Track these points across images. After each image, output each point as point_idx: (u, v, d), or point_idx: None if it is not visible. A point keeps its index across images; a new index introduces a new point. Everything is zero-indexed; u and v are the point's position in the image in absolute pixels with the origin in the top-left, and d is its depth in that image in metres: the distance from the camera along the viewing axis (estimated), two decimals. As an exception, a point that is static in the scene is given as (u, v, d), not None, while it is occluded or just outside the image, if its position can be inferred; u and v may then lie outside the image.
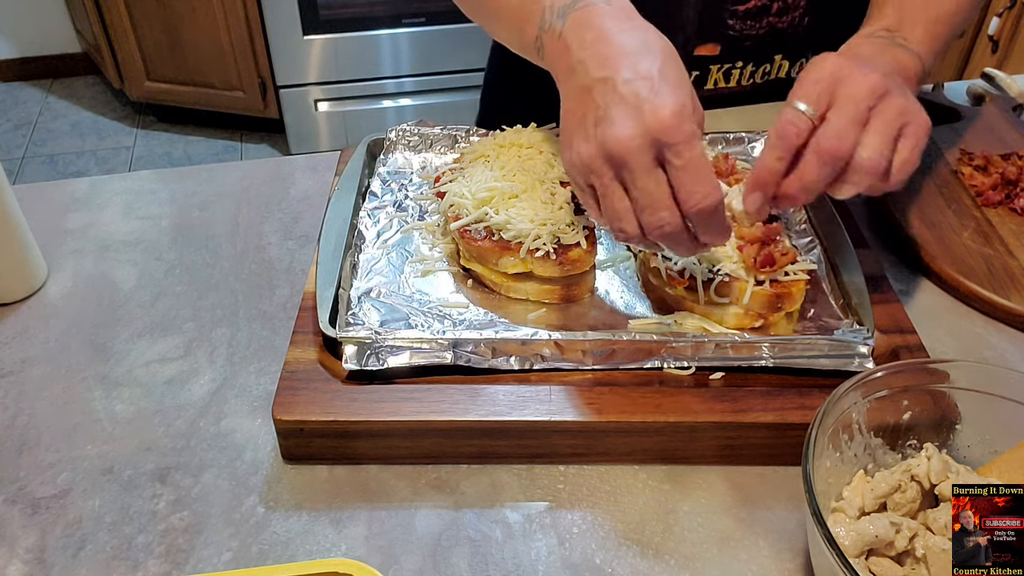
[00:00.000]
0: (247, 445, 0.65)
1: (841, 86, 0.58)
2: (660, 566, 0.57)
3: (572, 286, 0.71)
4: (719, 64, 0.98)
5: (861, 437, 0.57)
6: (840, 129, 0.57)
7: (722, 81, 0.99)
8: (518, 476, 0.63)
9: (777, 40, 0.97)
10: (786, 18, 0.95)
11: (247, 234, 0.85)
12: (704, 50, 0.97)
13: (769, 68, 0.99)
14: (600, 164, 0.58)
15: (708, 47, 0.97)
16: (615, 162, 0.57)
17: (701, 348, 0.65)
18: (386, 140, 0.87)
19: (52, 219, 0.86)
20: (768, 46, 0.97)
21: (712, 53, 0.97)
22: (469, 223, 0.71)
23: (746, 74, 0.99)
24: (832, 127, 0.57)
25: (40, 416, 0.68)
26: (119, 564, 0.58)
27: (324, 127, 2.85)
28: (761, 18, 0.94)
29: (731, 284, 0.67)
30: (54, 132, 3.07)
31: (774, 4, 0.94)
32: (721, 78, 0.99)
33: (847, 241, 0.74)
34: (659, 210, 0.57)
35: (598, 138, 0.57)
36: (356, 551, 0.58)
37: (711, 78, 0.99)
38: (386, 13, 2.63)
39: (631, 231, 0.59)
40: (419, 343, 0.64)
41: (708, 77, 0.99)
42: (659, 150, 0.56)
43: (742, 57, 0.98)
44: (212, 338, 0.74)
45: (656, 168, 0.56)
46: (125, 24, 2.70)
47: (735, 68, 0.99)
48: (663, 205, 0.57)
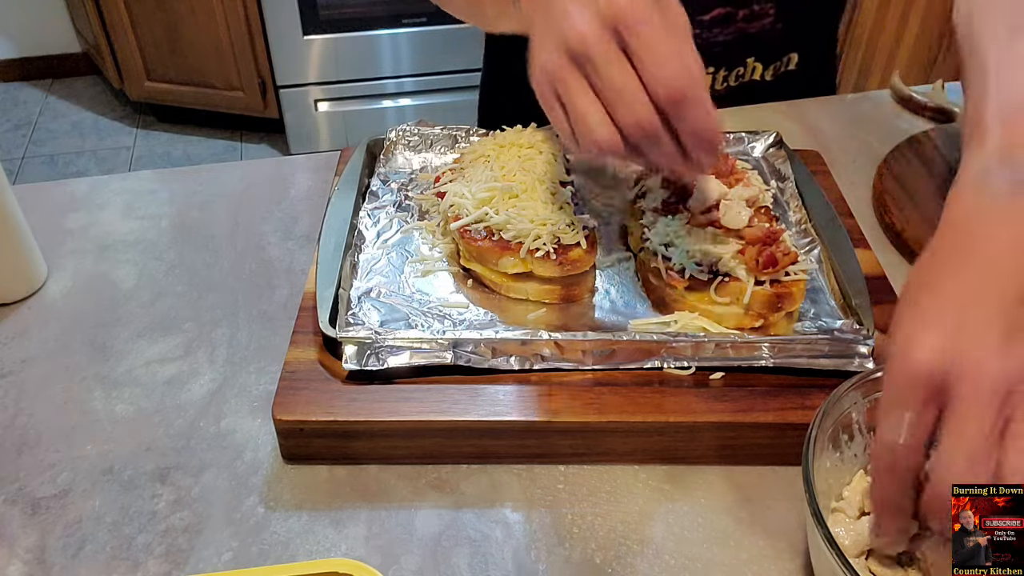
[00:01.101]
0: (247, 445, 0.65)
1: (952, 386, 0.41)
2: (660, 566, 0.57)
3: (572, 286, 0.71)
4: None
5: (861, 437, 0.57)
6: (962, 466, 0.41)
7: None
8: (518, 476, 0.63)
9: (748, 44, 0.94)
10: (755, 24, 0.93)
11: (247, 234, 0.85)
12: None
13: (743, 71, 0.97)
14: (562, 65, 0.54)
15: None
16: (577, 58, 0.53)
17: (701, 348, 0.65)
18: (386, 140, 0.87)
19: (52, 219, 0.86)
20: (739, 50, 0.95)
21: None
22: (469, 223, 0.71)
23: (719, 79, 0.97)
24: (949, 460, 0.41)
25: (40, 416, 0.68)
26: (119, 564, 0.58)
27: (324, 127, 2.85)
28: (728, 25, 0.91)
29: (731, 284, 0.67)
30: (54, 132, 3.07)
31: (740, 11, 0.91)
32: None
33: (847, 241, 0.74)
34: (630, 102, 0.52)
35: (556, 36, 0.54)
36: (356, 551, 0.58)
37: None
38: (386, 13, 2.63)
39: (604, 135, 0.54)
40: (419, 343, 0.64)
41: None
42: (619, 36, 0.52)
43: (713, 63, 0.95)
44: (212, 338, 0.74)
45: (620, 57, 0.53)
46: (125, 24, 2.71)
47: (707, 74, 0.96)
48: (633, 97, 0.52)
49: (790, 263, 0.67)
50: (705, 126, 0.54)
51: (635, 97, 0.53)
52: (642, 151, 0.56)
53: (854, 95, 1.08)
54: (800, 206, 0.79)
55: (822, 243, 0.75)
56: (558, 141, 0.79)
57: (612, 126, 0.54)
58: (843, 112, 1.02)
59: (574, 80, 0.54)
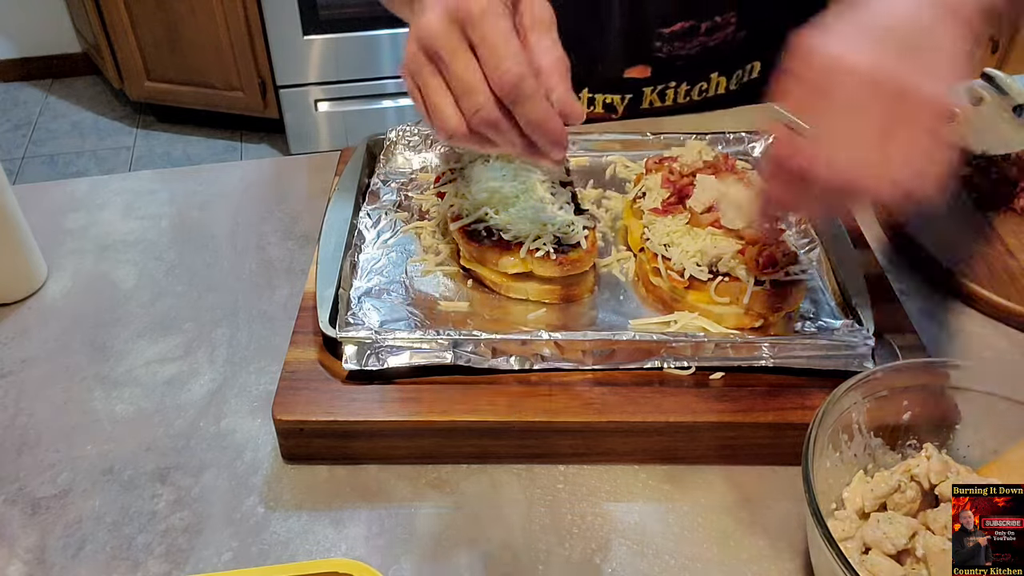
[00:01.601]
0: (247, 445, 0.65)
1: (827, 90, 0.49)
2: (660, 566, 0.57)
3: (572, 286, 0.71)
4: (652, 86, 0.96)
5: (861, 437, 0.57)
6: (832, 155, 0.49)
7: (657, 101, 0.97)
8: (518, 476, 0.63)
9: (711, 58, 0.95)
10: (718, 35, 0.93)
11: (247, 234, 0.85)
12: (634, 72, 0.95)
13: (706, 86, 0.97)
14: (418, 59, 0.57)
15: (638, 69, 0.95)
16: (429, 52, 0.56)
17: (701, 348, 0.65)
18: (386, 140, 0.87)
19: (52, 219, 0.86)
20: (702, 65, 0.95)
21: (643, 75, 0.95)
22: (469, 223, 0.71)
23: (681, 93, 0.97)
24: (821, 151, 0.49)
25: (40, 416, 0.68)
26: (119, 564, 0.58)
27: (324, 127, 2.85)
28: (690, 38, 0.92)
29: (731, 284, 0.67)
30: (54, 132, 3.07)
31: (703, 24, 0.92)
32: (656, 98, 0.97)
33: (847, 241, 0.74)
34: (471, 93, 0.55)
35: (415, 33, 0.57)
36: (356, 551, 0.58)
37: (645, 99, 0.97)
38: (386, 13, 2.61)
39: (452, 123, 0.57)
40: (419, 343, 0.64)
41: (643, 98, 0.97)
42: (463, 30, 0.55)
43: (675, 78, 0.96)
44: (212, 338, 0.74)
45: (466, 51, 0.55)
46: (125, 24, 2.70)
47: (668, 88, 0.96)
48: (474, 88, 0.55)
49: (790, 263, 0.67)
50: (542, 118, 0.55)
51: (476, 88, 0.55)
52: (489, 139, 0.58)
53: (854, 95, 1.08)
54: (800, 206, 0.79)
55: (822, 243, 0.75)
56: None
57: (460, 116, 0.57)
58: (843, 112, 1.02)
59: (428, 73, 0.57)
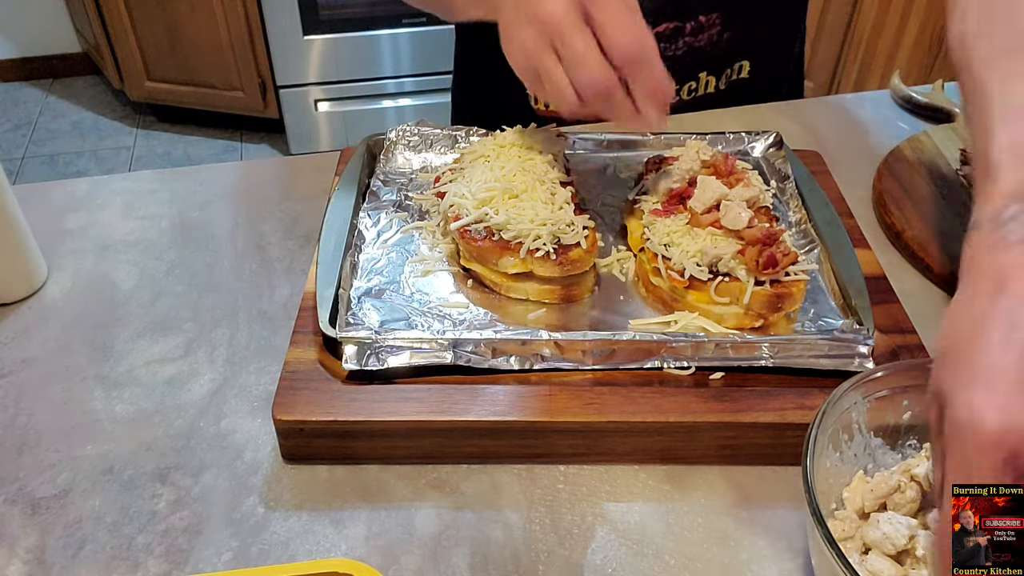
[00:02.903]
0: (247, 445, 0.65)
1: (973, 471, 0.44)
2: (660, 566, 0.57)
3: (572, 286, 0.71)
4: None
5: (861, 437, 0.57)
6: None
7: None
8: (518, 476, 0.63)
9: (698, 58, 0.95)
10: (703, 36, 0.93)
11: (247, 234, 0.85)
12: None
13: (695, 86, 0.98)
14: (536, 39, 0.61)
15: None
16: (548, 31, 0.60)
17: (701, 348, 0.65)
18: (386, 140, 0.87)
19: (52, 219, 0.86)
20: (689, 65, 0.96)
21: None
22: (469, 223, 0.71)
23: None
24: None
25: (40, 416, 0.68)
26: (119, 564, 0.58)
27: (324, 127, 2.85)
28: (676, 40, 0.93)
29: (731, 284, 0.67)
30: (54, 132, 3.07)
31: (687, 24, 0.92)
32: None
33: (847, 241, 0.74)
34: (588, 67, 0.60)
35: (530, 16, 0.61)
36: (356, 551, 0.58)
37: None
38: (386, 13, 2.63)
39: (570, 98, 0.61)
40: (419, 343, 0.64)
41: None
42: (584, 9, 0.60)
43: None
44: (212, 338, 0.74)
45: (584, 28, 0.60)
46: (125, 24, 2.70)
47: None
48: (592, 62, 0.60)
49: (790, 263, 0.67)
50: (657, 83, 0.62)
51: (593, 62, 0.60)
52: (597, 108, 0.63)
53: (854, 95, 1.09)
54: (800, 206, 0.79)
55: (822, 243, 0.75)
56: (558, 141, 0.79)
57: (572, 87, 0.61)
58: (843, 112, 1.02)
59: (547, 54, 0.62)
